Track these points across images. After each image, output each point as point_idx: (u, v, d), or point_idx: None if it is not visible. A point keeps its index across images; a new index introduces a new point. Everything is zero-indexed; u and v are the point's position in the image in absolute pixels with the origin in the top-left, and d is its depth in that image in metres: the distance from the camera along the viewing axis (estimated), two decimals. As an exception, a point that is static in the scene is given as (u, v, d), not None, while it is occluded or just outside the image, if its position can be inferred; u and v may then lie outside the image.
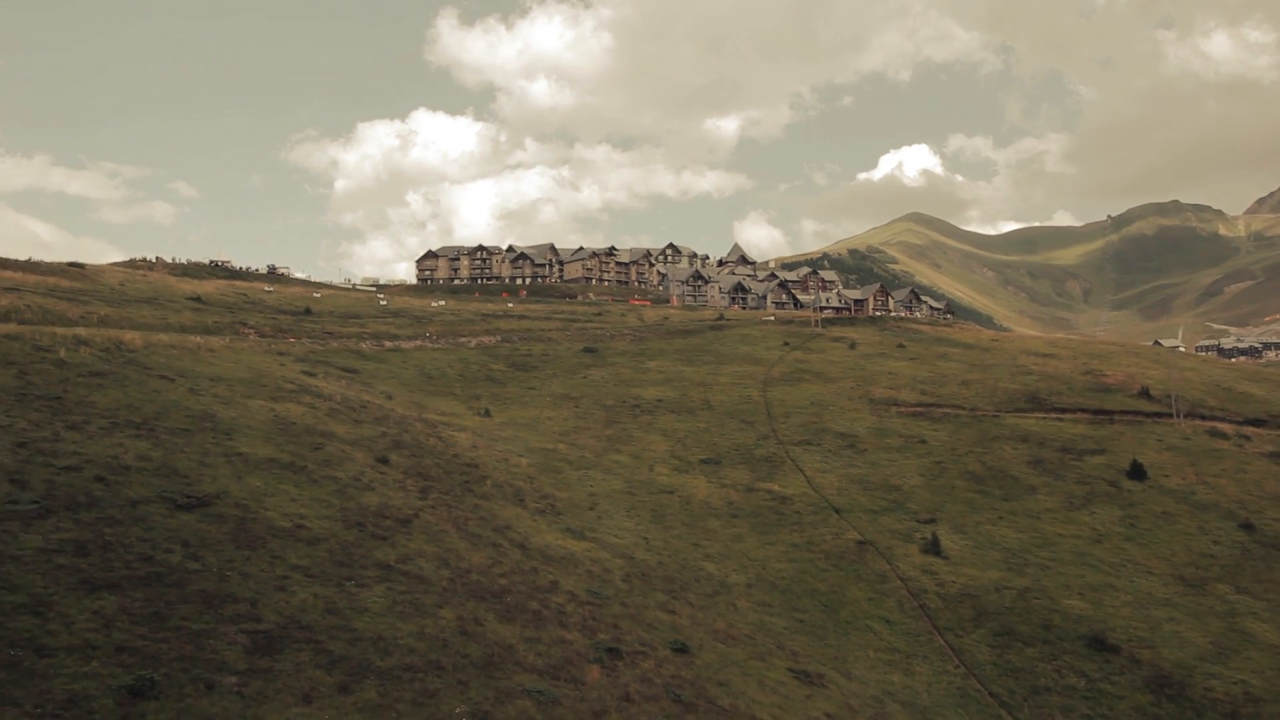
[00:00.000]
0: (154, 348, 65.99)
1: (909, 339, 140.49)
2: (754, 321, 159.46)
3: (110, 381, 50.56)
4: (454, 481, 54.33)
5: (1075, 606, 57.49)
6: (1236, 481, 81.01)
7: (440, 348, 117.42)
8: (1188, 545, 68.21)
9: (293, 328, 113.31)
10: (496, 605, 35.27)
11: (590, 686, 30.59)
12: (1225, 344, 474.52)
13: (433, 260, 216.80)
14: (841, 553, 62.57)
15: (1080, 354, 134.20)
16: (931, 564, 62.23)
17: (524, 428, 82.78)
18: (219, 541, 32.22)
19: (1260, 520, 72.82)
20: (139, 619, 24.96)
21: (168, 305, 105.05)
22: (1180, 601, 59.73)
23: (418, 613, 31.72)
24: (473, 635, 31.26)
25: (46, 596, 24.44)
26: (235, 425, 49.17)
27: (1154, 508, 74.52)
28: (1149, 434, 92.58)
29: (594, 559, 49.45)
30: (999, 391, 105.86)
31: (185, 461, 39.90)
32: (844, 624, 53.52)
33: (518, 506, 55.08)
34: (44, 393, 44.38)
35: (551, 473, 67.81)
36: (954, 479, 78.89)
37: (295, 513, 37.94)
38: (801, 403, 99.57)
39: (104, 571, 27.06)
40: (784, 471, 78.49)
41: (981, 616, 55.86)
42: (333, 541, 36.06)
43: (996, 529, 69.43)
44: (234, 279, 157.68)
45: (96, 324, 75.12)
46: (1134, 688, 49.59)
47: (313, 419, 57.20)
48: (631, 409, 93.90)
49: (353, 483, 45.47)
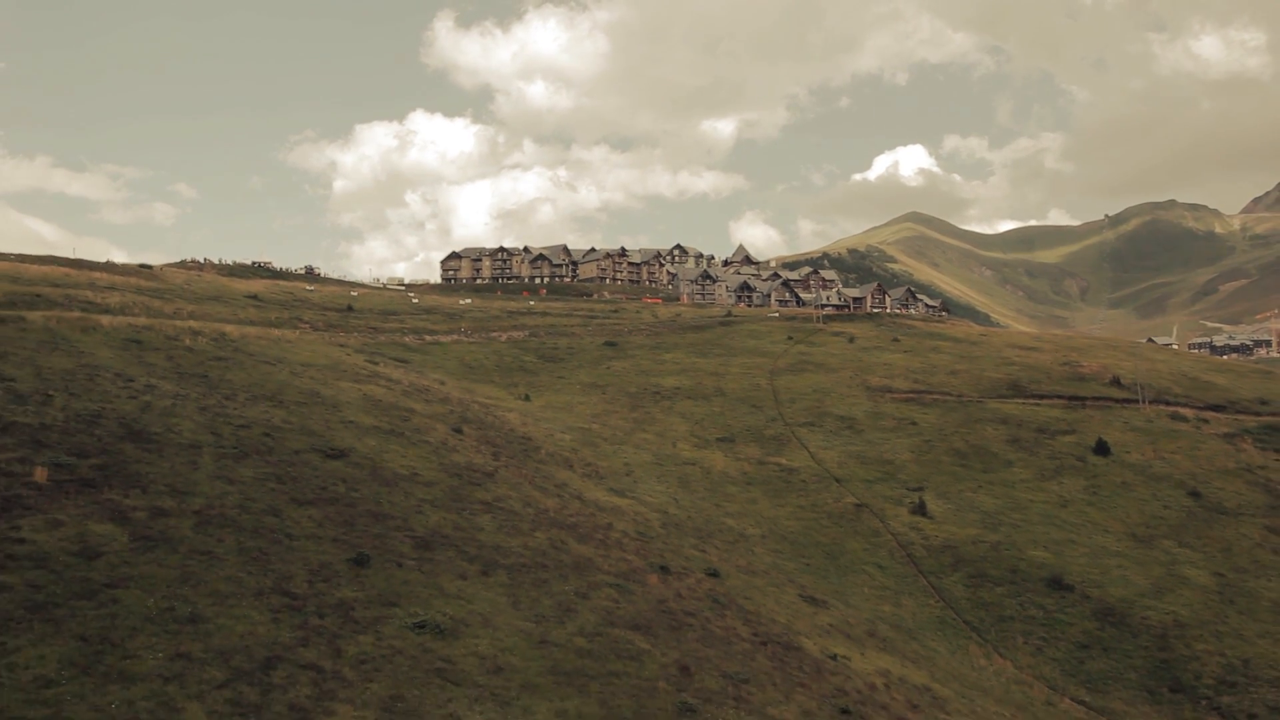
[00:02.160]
0: (247, 339, 75.21)
1: (903, 334, 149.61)
2: (760, 318, 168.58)
3: (232, 365, 59.81)
4: (515, 449, 63.63)
5: (1039, 556, 66.75)
6: (1190, 457, 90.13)
7: (475, 342, 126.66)
8: (1141, 509, 77.40)
9: (341, 323, 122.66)
10: (572, 533, 44.55)
11: (651, 587, 39.87)
12: (1218, 341, 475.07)
13: (456, 261, 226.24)
14: (841, 513, 71.86)
15: (1062, 348, 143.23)
16: (918, 523, 71.49)
17: (560, 411, 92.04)
18: (364, 481, 41.47)
19: (1206, 489, 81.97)
20: (336, 524, 34.21)
21: (232, 302, 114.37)
22: (1129, 553, 68.96)
23: (518, 533, 41.01)
24: (561, 549, 40.53)
25: (276, 506, 33.70)
26: (338, 400, 58.40)
27: (1114, 479, 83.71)
28: (1116, 417, 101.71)
29: (636, 512, 58.67)
30: (984, 380, 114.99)
31: (315, 425, 49.14)
32: (843, 568, 62.80)
33: (568, 471, 64.36)
34: (192, 372, 53.64)
35: (590, 446, 77.07)
36: (940, 455, 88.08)
37: (409, 465, 47.21)
38: (805, 390, 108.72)
39: (300, 494, 36.30)
40: (790, 448, 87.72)
41: (959, 563, 65.14)
42: (442, 485, 45.33)
43: (976, 495, 78.64)
44: (277, 279, 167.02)
45: (188, 318, 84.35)
46: (1083, 617, 58.88)
47: (393, 398, 66.43)
48: (653, 395, 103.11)
49: (441, 445, 54.73)
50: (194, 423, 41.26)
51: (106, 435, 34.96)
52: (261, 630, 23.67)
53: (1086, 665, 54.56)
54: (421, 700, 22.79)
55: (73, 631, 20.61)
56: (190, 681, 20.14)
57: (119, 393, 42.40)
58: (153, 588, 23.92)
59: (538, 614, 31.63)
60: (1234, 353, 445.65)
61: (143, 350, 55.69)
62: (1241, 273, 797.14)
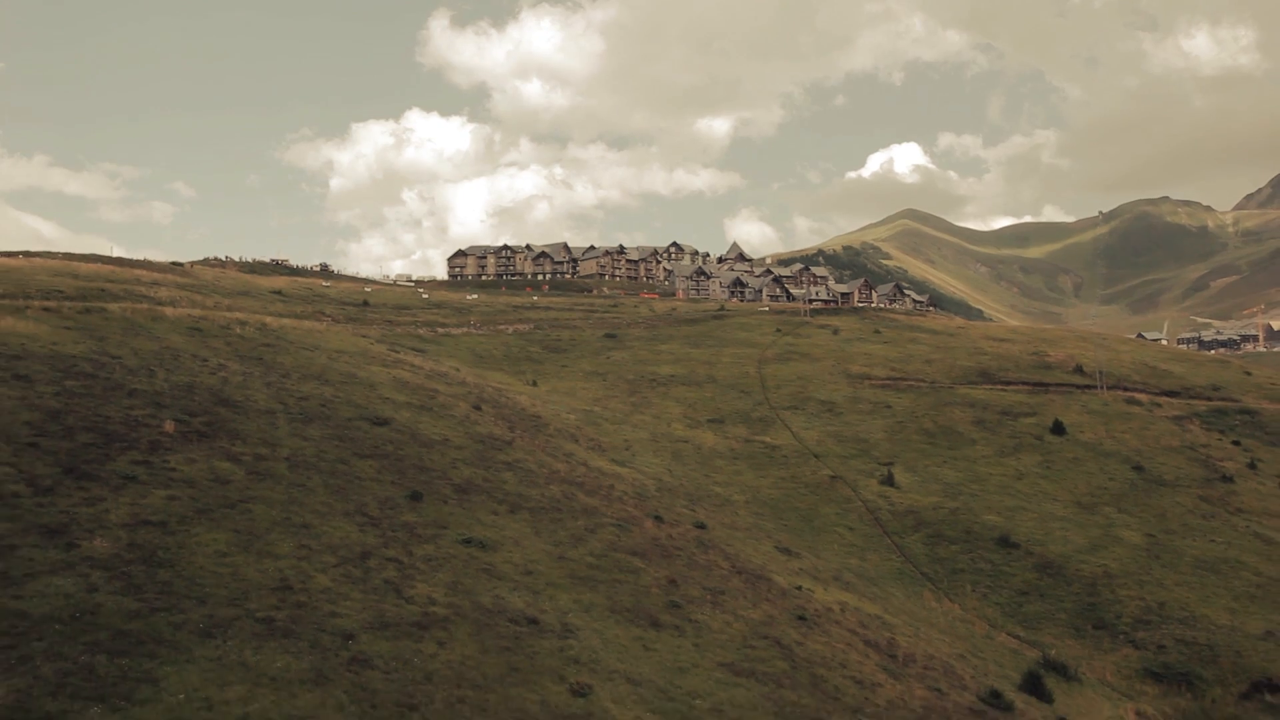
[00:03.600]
0: (285, 329, 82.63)
1: (885, 326, 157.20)
2: (751, 312, 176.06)
3: (279, 350, 67.28)
4: (528, 425, 71.17)
5: (992, 520, 74.42)
6: (1139, 437, 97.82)
7: (483, 334, 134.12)
8: (1088, 481, 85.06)
9: (359, 317, 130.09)
10: (580, 489, 52.14)
11: (646, 529, 47.48)
12: (1205, 336, 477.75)
13: (462, 258, 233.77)
14: (817, 484, 79.50)
15: (1033, 339, 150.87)
16: (886, 492, 79.13)
17: (565, 395, 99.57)
18: (406, 443, 49.00)
19: (1150, 464, 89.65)
20: (391, 472, 41.75)
21: (260, 297, 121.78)
22: (1073, 518, 76.61)
23: (535, 486, 48.59)
24: (571, 499, 48.12)
25: (343, 458, 41.24)
26: (373, 381, 65.90)
27: (1067, 455, 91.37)
28: (1076, 401, 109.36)
29: (634, 478, 66.22)
30: (956, 368, 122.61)
31: (359, 400, 56.66)
32: (817, 529, 70.44)
33: (574, 444, 71.91)
34: (249, 355, 61.14)
35: (593, 425, 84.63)
36: (911, 434, 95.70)
37: (440, 433, 54.75)
38: (790, 377, 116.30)
39: (359, 450, 43.83)
40: (775, 429, 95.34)
41: (920, 525, 72.82)
42: (470, 449, 52.90)
43: (940, 469, 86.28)
44: (294, 275, 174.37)
45: (227, 310, 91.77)
46: (1025, 569, 66.56)
47: (418, 380, 73.92)
48: (649, 382, 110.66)
49: (465, 419, 62.27)
50: (264, 394, 48.81)
51: (203, 401, 42.50)
52: (354, 536, 31.26)
53: (1024, 608, 62.24)
54: (474, 586, 30.37)
55: (226, 528, 28.17)
56: (314, 562, 27.72)
57: (200, 369, 49.93)
58: (271, 506, 31.48)
59: (556, 540, 39.24)
60: (1221, 347, 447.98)
61: (204, 337, 63.18)
62: (1232, 269, 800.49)
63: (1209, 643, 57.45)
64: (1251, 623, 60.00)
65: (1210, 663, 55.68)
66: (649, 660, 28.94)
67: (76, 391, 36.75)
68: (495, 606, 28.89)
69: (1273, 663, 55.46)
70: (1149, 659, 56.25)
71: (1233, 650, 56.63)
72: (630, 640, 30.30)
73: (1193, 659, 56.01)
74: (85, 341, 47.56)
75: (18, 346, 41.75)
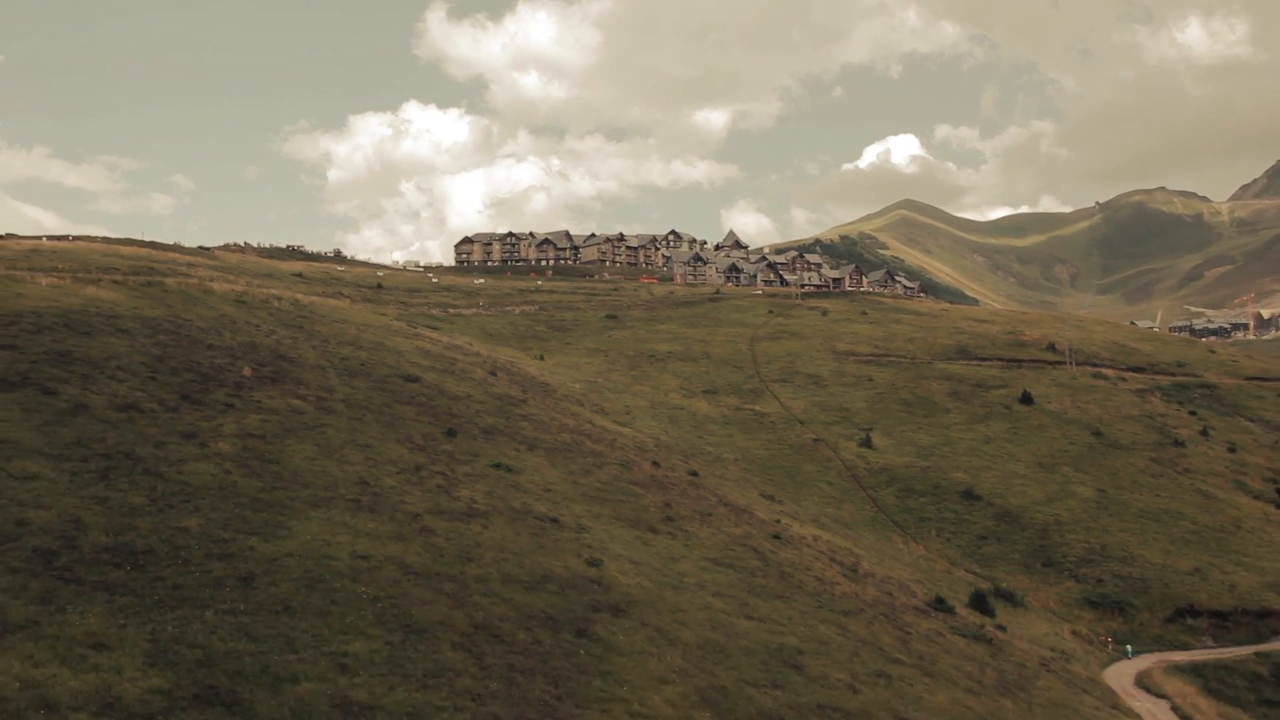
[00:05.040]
0: (314, 305, 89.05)
1: (872, 308, 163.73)
2: (745, 296, 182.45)
3: (314, 321, 73.76)
4: (538, 389, 77.80)
5: (959, 477, 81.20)
6: (1101, 407, 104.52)
7: (492, 314, 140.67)
8: (1050, 445, 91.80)
9: (375, 298, 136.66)
10: (587, 438, 58.81)
11: (645, 469, 54.18)
12: (1197, 325, 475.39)
13: (469, 245, 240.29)
14: (801, 445, 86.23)
15: (1012, 321, 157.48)
16: (864, 453, 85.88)
17: (570, 368, 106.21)
18: (436, 396, 55.59)
19: (1108, 430, 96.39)
20: (428, 416, 48.36)
21: (283, 279, 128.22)
22: (1033, 475, 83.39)
23: (549, 434, 55.24)
24: (580, 445, 54.78)
25: (387, 403, 47.86)
26: (399, 349, 72.45)
27: (1033, 422, 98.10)
28: (1046, 375, 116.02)
29: (634, 436, 72.88)
30: (936, 346, 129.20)
31: (390, 362, 63.20)
32: (799, 483, 77.20)
33: (580, 406, 78.55)
34: (290, 324, 67.66)
35: (596, 393, 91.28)
36: (890, 404, 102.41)
37: (464, 391, 61.37)
38: (780, 354, 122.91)
39: (398, 399, 50.41)
40: (764, 399, 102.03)
41: (893, 481, 79.60)
42: (490, 403, 59.52)
43: (915, 434, 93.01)
44: (309, 260, 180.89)
45: (259, 288, 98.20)
46: (986, 518, 73.38)
47: (438, 350, 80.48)
48: (648, 358, 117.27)
49: (483, 381, 68.88)
50: (313, 354, 55.41)
51: (265, 356, 49.11)
52: (407, 456, 37.93)
53: (982, 550, 69.07)
54: (506, 494, 37.04)
55: (310, 442, 34.81)
56: (380, 471, 34.38)
57: (255, 332, 56.50)
58: (338, 433, 38.12)
59: (569, 471, 45.95)
60: (1213, 335, 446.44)
61: (249, 308, 69.67)
62: (1227, 259, 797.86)
63: (1142, 577, 64.36)
64: (1182, 562, 66.87)
65: (1142, 593, 62.60)
66: (647, 551, 35.68)
67: (168, 344, 43.36)
68: (523, 509, 35.58)
69: (1196, 593, 62.40)
70: (1088, 590, 63.15)
71: (1162, 583, 63.55)
72: (632, 538, 37.03)
73: (1126, 590, 62.91)
74: (158, 307, 54.12)
75: (109, 309, 48.31)
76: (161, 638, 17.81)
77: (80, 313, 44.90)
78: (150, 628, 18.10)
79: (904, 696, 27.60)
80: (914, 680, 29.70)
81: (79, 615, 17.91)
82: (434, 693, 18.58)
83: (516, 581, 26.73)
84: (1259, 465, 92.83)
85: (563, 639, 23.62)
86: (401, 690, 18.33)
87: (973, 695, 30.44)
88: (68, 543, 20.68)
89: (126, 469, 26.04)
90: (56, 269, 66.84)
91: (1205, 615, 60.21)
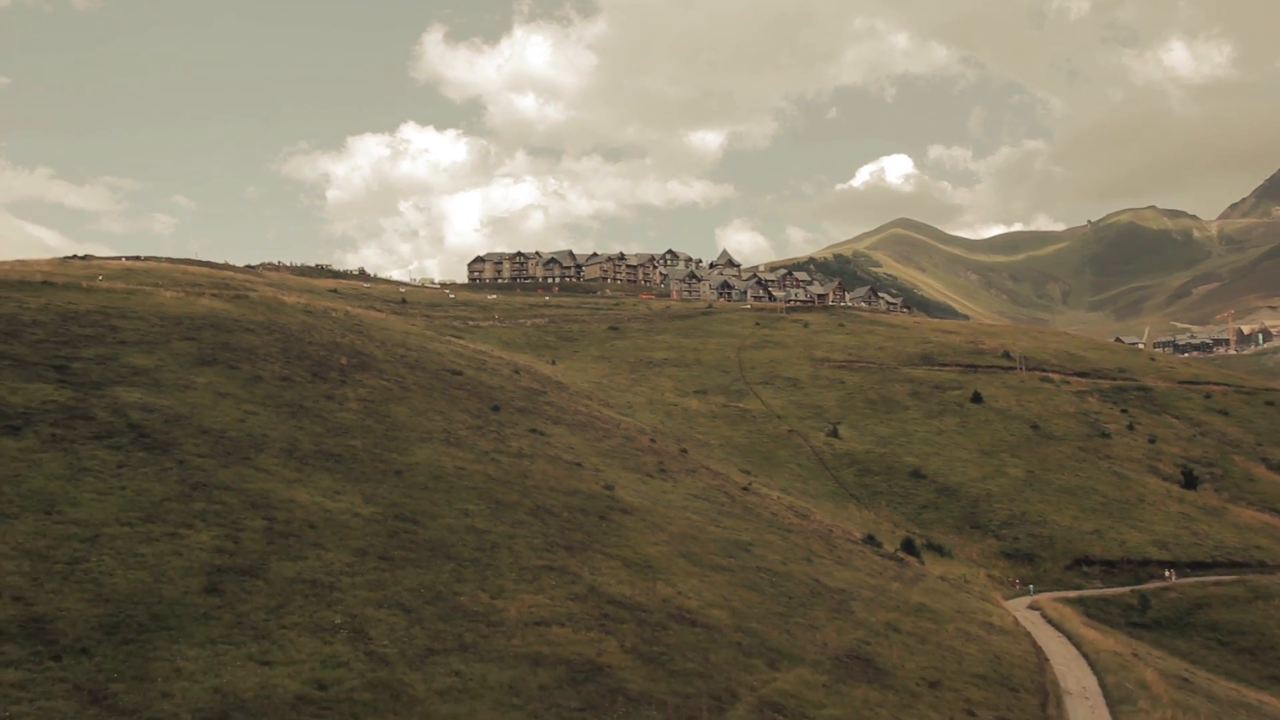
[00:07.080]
0: (361, 316, 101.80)
1: (849, 321, 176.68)
2: (735, 310, 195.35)
3: (368, 328, 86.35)
4: (554, 386, 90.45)
5: (910, 460, 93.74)
6: (1043, 405, 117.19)
7: (507, 326, 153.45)
8: (992, 436, 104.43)
9: (401, 311, 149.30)
10: (597, 419, 71.44)
11: (644, 442, 66.81)
12: (1180, 340, 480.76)
13: (480, 263, 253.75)
14: (777, 435, 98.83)
15: (974, 332, 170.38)
16: (831, 441, 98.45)
17: (579, 371, 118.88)
18: (477, 385, 68.17)
19: (1045, 424, 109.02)
20: (474, 397, 60.91)
21: (321, 296, 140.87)
22: (974, 460, 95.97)
23: (567, 415, 67.85)
24: (592, 424, 67.40)
25: (444, 388, 60.46)
26: (439, 351, 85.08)
27: (981, 417, 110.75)
28: (996, 379, 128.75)
29: (634, 424, 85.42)
30: (903, 354, 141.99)
31: (436, 360, 75.84)
32: (774, 465, 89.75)
33: (590, 400, 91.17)
34: (351, 329, 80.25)
35: (602, 391, 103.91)
36: (857, 403, 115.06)
37: (497, 384, 74.00)
38: (764, 360, 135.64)
39: (450, 385, 62.99)
40: (747, 398, 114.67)
41: (853, 463, 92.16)
42: (519, 392, 72.18)
43: (877, 427, 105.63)
44: (338, 278, 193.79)
45: (315, 301, 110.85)
46: (929, 492, 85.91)
47: (469, 353, 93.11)
48: (647, 364, 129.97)
49: (511, 376, 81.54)
50: (379, 351, 68.09)
51: (347, 351, 61.78)
52: (469, 420, 50.60)
53: (923, 515, 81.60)
54: (543, 447, 49.64)
55: (404, 406, 47.45)
56: (454, 426, 47.01)
57: (331, 334, 69.17)
58: (420, 402, 50.75)
59: (586, 437, 58.60)
60: (1195, 350, 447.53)
61: (317, 317, 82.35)
62: (1214, 276, 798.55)
63: (1050, 536, 76.95)
64: (1086, 525, 79.46)
65: (1048, 548, 75.18)
66: (645, 486, 48.33)
67: (283, 340, 56.07)
68: (556, 456, 48.23)
69: (1092, 547, 75.00)
70: (1006, 546, 75.74)
71: (1066, 540, 76.14)
72: (635, 479, 49.66)
73: (1036, 545, 75.51)
74: (259, 314, 66.84)
75: (226, 314, 61.02)
76: (367, 494, 30.50)
77: (212, 317, 57.56)
78: (360, 489, 30.79)
79: (818, 570, 40.22)
80: (829, 565, 42.31)
81: (318, 477, 30.61)
82: (521, 528, 31.28)
83: (558, 490, 39.40)
84: (1174, 454, 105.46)
85: (590, 518, 36.28)
86: (503, 526, 31.01)
87: (871, 578, 43.06)
88: (294, 448, 33.34)
89: (304, 413, 38.71)
90: (158, 285, 79.48)
91: (1098, 564, 72.78)
